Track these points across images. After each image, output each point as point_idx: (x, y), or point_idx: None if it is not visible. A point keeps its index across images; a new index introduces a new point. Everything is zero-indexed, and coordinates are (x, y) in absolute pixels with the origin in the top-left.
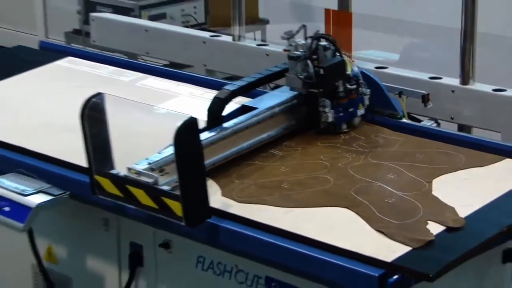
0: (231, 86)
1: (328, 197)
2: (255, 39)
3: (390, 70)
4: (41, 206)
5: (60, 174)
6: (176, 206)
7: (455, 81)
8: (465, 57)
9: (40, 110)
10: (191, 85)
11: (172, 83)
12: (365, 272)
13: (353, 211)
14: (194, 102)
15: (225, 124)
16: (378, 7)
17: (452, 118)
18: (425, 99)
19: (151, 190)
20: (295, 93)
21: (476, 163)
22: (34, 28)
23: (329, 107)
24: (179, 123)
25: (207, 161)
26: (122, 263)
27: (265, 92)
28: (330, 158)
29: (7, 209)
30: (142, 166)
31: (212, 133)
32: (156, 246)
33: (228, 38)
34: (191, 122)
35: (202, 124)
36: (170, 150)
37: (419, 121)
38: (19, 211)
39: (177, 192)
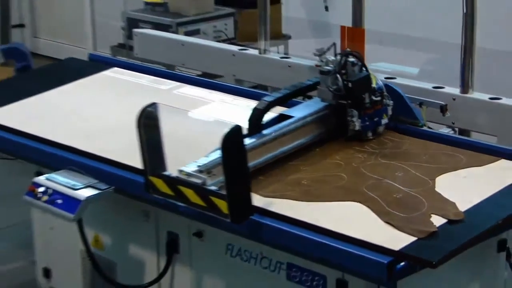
0: (269, 98)
1: (343, 192)
2: (278, 52)
3: (398, 80)
4: (89, 199)
5: (107, 171)
6: (222, 205)
7: (456, 90)
8: (465, 69)
9: (89, 114)
10: (222, 93)
11: (205, 91)
12: (375, 259)
13: (365, 205)
14: (225, 107)
15: (264, 131)
16: (388, 24)
17: (453, 123)
18: (443, 109)
19: (200, 190)
20: (326, 104)
21: (475, 163)
22: (84, 42)
23: (356, 116)
24: (226, 130)
25: (249, 164)
26: (160, 250)
27: (299, 102)
28: (345, 158)
29: (59, 201)
30: (191, 168)
31: (253, 140)
32: (191, 235)
33: (255, 52)
34: (237, 129)
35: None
36: (217, 154)
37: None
38: (70, 203)
39: (224, 192)
